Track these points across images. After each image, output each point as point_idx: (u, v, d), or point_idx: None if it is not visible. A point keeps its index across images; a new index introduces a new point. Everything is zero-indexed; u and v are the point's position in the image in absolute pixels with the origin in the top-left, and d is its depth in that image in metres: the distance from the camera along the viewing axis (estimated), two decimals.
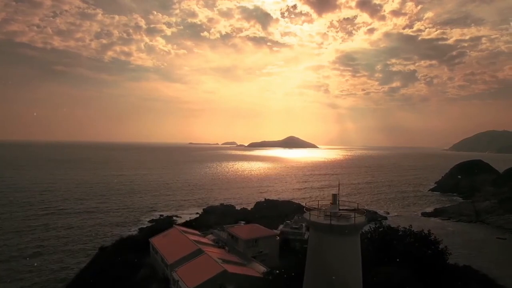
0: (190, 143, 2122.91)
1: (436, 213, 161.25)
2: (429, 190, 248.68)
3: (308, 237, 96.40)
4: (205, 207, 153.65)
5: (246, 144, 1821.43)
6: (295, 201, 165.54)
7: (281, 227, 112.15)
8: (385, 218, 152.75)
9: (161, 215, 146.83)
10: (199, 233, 55.29)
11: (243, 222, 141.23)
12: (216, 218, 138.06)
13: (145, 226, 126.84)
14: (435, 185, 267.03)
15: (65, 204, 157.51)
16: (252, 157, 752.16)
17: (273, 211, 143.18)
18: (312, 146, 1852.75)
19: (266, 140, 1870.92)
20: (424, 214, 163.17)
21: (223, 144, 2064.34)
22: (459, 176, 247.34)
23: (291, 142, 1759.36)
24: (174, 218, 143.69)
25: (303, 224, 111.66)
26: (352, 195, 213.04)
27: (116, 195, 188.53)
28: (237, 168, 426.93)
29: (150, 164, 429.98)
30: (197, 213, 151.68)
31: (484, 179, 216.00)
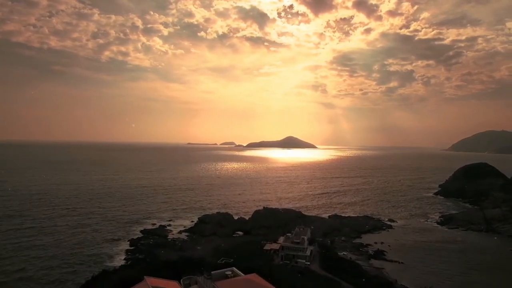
0: (189, 143, 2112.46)
1: (443, 221, 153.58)
2: (433, 194, 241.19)
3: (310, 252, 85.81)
4: (200, 216, 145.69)
5: (244, 144, 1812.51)
6: (296, 209, 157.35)
7: (281, 239, 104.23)
8: (390, 227, 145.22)
9: (153, 224, 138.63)
10: (178, 287, 45.43)
11: (241, 232, 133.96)
12: (212, 228, 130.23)
13: (136, 237, 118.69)
14: (439, 188, 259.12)
15: (54, 213, 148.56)
16: (251, 158, 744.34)
17: (272, 220, 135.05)
18: (311, 146, 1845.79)
19: (265, 140, 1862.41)
20: (431, 222, 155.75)
21: (221, 144, 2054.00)
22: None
23: (290, 142, 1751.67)
24: (167, 227, 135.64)
25: (305, 238, 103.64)
26: (356, 204, 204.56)
27: (111, 201, 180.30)
28: (235, 171, 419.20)
29: (148, 166, 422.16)
30: (192, 221, 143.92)
31: (491, 183, 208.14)
